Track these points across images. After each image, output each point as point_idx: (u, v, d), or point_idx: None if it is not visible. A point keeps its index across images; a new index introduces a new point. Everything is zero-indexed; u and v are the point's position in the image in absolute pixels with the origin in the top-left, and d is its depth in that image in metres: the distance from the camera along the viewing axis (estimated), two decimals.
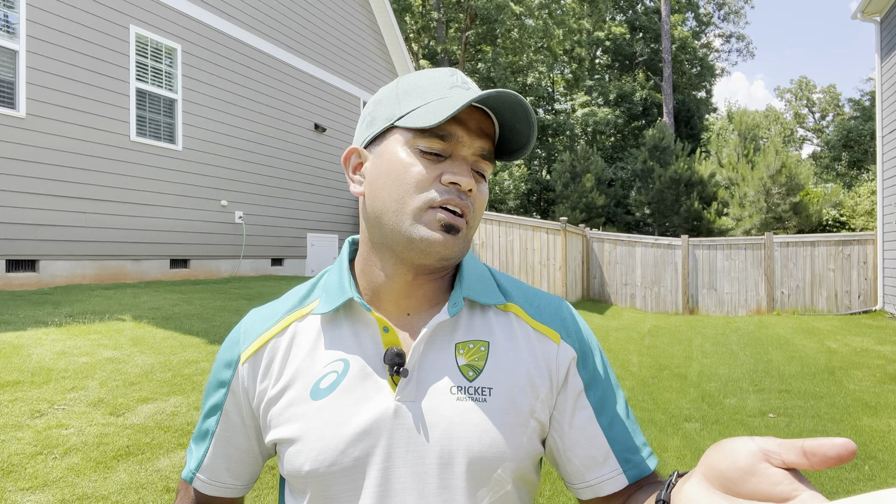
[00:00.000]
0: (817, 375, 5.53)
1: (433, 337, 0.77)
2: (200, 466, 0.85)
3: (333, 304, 0.78)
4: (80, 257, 6.80)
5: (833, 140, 29.90)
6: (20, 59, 6.17)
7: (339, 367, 0.76)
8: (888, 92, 9.41)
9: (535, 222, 10.60)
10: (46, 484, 2.51)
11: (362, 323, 0.78)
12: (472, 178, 0.74)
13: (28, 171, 6.25)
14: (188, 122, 8.17)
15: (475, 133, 0.75)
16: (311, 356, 0.78)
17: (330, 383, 0.75)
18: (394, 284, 0.79)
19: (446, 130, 0.73)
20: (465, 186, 0.73)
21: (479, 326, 0.79)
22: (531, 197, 25.02)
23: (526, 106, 0.72)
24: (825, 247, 10.49)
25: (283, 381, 0.78)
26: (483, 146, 0.75)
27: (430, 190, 0.73)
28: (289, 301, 0.85)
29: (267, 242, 9.60)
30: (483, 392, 0.74)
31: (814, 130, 39.48)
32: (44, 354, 3.86)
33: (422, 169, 0.73)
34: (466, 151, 0.74)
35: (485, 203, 0.79)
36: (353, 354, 0.76)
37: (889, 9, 9.26)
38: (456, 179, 0.73)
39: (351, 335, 0.78)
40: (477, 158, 0.75)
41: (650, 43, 28.48)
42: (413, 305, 0.80)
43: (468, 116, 0.74)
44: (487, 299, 0.80)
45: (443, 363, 0.76)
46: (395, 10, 21.91)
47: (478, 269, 0.84)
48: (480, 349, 0.77)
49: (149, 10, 7.64)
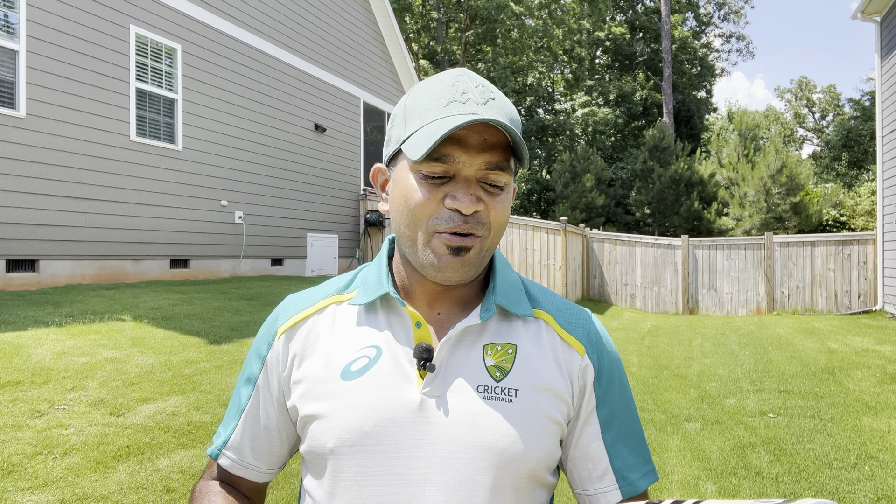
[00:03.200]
0: (817, 375, 5.53)
1: (462, 337, 0.79)
2: (227, 444, 0.86)
3: (371, 297, 0.81)
4: (80, 257, 6.80)
5: (833, 140, 29.90)
6: (20, 59, 6.17)
7: (371, 354, 0.78)
8: (888, 92, 9.41)
9: (535, 222, 10.60)
10: (46, 484, 2.51)
11: (397, 316, 0.81)
12: (476, 197, 0.74)
13: (28, 171, 6.25)
14: (188, 122, 8.17)
15: (477, 148, 0.73)
16: (346, 339, 0.81)
17: (361, 367, 0.77)
18: (424, 289, 0.82)
19: (442, 153, 0.73)
20: (467, 210, 0.73)
21: (508, 331, 0.81)
22: (531, 197, 25.02)
23: (509, 128, 0.71)
24: (825, 247, 10.49)
25: (315, 357, 0.80)
26: (490, 159, 0.73)
27: (435, 216, 0.74)
28: (328, 287, 0.88)
29: (267, 242, 9.60)
30: (509, 393, 0.76)
31: (814, 130, 39.49)
32: (44, 354, 3.86)
33: (425, 194, 0.74)
34: (469, 170, 0.74)
35: (504, 214, 0.78)
36: (386, 344, 0.79)
37: (889, 9, 9.26)
38: (455, 205, 0.73)
39: (386, 326, 0.81)
40: (485, 173, 0.74)
41: (650, 43, 28.48)
42: (444, 307, 0.82)
43: (469, 132, 0.73)
44: (518, 310, 0.82)
45: (471, 362, 0.78)
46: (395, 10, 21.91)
47: (510, 278, 0.86)
48: (508, 352, 0.79)
49: (149, 10, 7.64)
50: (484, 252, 0.77)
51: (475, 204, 0.73)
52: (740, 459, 3.55)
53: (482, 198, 0.74)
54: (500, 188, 0.76)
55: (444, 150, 0.72)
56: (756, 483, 3.23)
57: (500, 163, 0.74)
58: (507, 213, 0.79)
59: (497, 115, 0.73)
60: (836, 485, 3.19)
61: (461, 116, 0.71)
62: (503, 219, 0.78)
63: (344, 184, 11.54)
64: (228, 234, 8.82)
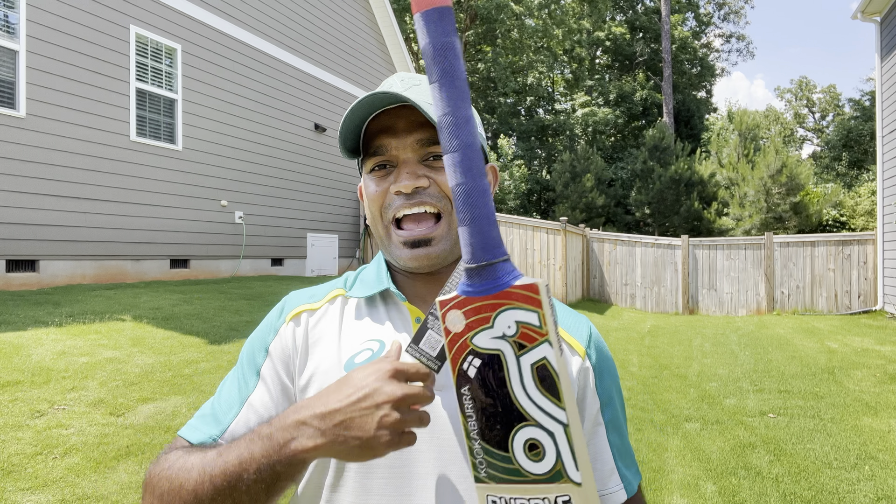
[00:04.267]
0: (817, 375, 5.53)
1: None
2: (226, 433, 0.80)
3: (372, 290, 0.83)
4: (80, 257, 6.80)
5: (833, 140, 29.90)
6: (20, 59, 6.17)
7: (374, 347, 0.79)
8: (888, 92, 9.41)
9: (535, 222, 10.60)
10: (46, 484, 2.51)
11: (397, 311, 0.83)
12: (420, 175, 0.77)
13: (28, 171, 6.25)
14: (188, 122, 8.17)
15: (406, 131, 0.77)
16: (350, 331, 0.82)
17: (365, 360, 0.77)
18: (414, 282, 0.85)
19: (375, 146, 0.78)
20: (406, 189, 0.76)
21: None
22: (531, 197, 25.01)
23: (400, 97, 0.74)
24: (825, 247, 10.49)
25: (319, 347, 0.81)
26: (420, 136, 0.77)
27: (386, 205, 0.79)
28: (331, 284, 0.91)
29: (267, 242, 9.59)
30: None
31: (814, 130, 39.48)
32: (44, 354, 3.86)
33: (375, 188, 0.80)
34: (405, 153, 0.78)
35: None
36: (389, 338, 0.79)
37: (889, 9, 9.26)
38: (397, 188, 0.77)
39: (387, 320, 0.82)
40: (425, 151, 0.78)
41: (650, 43, 28.47)
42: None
43: (395, 119, 0.78)
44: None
45: None
46: (395, 10, 21.91)
47: None
48: None
49: (149, 10, 7.64)
50: (453, 229, 0.79)
51: (415, 181, 0.76)
52: (740, 459, 3.55)
53: (429, 175, 0.78)
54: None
55: (376, 142, 0.78)
56: (756, 483, 3.23)
57: (432, 136, 0.77)
58: None
59: (410, 94, 0.76)
60: (836, 485, 3.19)
61: (365, 103, 0.76)
62: None
63: (344, 184, 11.54)
64: (228, 234, 8.82)
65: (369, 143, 0.80)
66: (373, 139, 0.78)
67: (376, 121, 0.80)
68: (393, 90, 0.77)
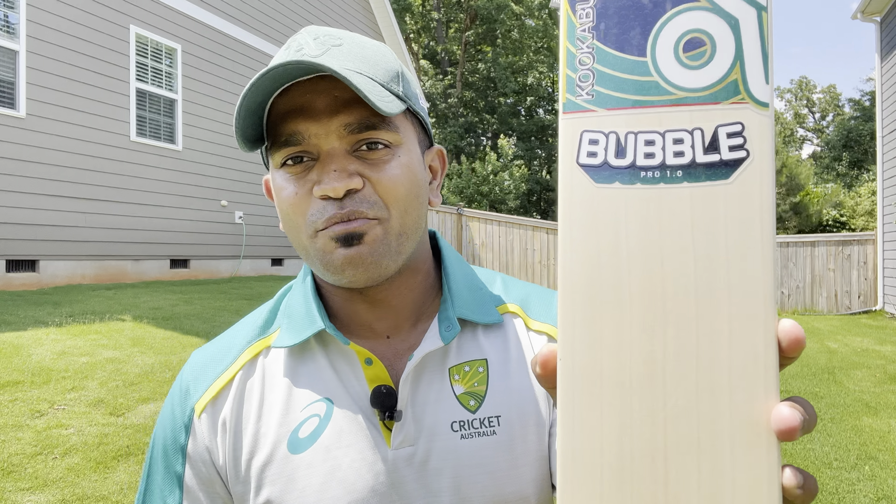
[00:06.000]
0: (817, 375, 5.53)
1: (424, 365, 0.64)
2: None
3: (301, 335, 0.63)
4: (80, 257, 6.80)
5: (833, 140, 29.92)
6: (20, 59, 6.17)
7: (320, 410, 0.62)
8: (888, 92, 9.41)
9: (535, 222, 10.60)
10: (46, 484, 2.51)
11: (340, 354, 0.64)
12: (351, 172, 0.58)
13: (28, 171, 6.25)
14: (188, 122, 8.17)
15: (328, 112, 0.58)
16: (285, 399, 0.63)
17: (311, 431, 0.62)
18: (354, 307, 0.66)
19: (288, 133, 0.58)
20: (335, 193, 0.57)
21: (473, 343, 0.66)
22: (531, 197, 25.02)
23: (321, 67, 0.54)
24: (825, 247, 10.50)
25: (251, 433, 0.63)
26: (348, 120, 0.58)
27: (310, 214, 0.59)
28: (245, 333, 0.69)
29: (267, 242, 9.60)
30: (490, 423, 0.63)
31: (814, 130, 39.51)
32: (44, 354, 3.86)
33: (292, 190, 0.60)
34: (328, 142, 0.58)
35: (400, 181, 0.60)
36: (336, 394, 0.63)
37: (889, 9, 9.26)
38: (321, 192, 0.57)
39: (329, 370, 0.64)
40: (354, 139, 0.59)
41: None
42: (390, 326, 0.66)
43: (312, 96, 0.58)
44: (484, 316, 0.67)
45: (438, 395, 0.63)
46: (395, 10, 21.92)
47: (465, 276, 0.70)
48: (478, 370, 0.65)
49: (149, 10, 7.64)
50: (391, 238, 0.60)
51: (345, 181, 0.57)
52: None
53: (361, 171, 0.59)
54: (387, 147, 0.60)
55: (287, 127, 0.58)
56: None
57: (365, 120, 0.58)
58: (407, 179, 0.61)
59: (331, 61, 0.57)
60: (836, 485, 3.19)
61: (270, 76, 0.55)
62: (401, 189, 0.60)
63: None
64: (228, 234, 8.82)
65: (277, 128, 0.59)
66: (282, 123, 0.58)
67: (285, 98, 0.58)
68: (304, 56, 0.58)
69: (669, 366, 0.32)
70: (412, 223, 0.62)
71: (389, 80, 0.61)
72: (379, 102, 0.55)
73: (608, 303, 0.33)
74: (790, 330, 0.31)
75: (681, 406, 0.32)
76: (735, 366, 0.31)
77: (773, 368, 0.31)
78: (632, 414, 0.32)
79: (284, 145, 0.59)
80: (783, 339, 0.31)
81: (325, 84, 0.58)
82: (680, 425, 0.32)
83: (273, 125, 0.59)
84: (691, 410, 0.32)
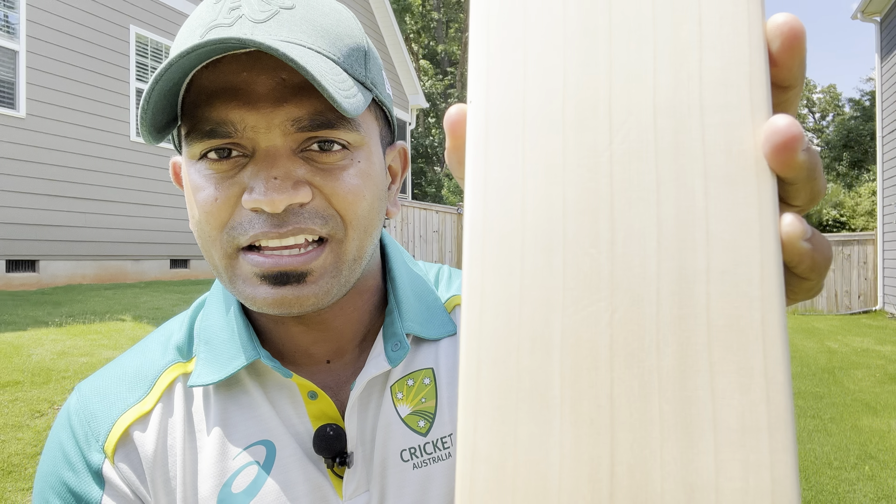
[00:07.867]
0: (817, 375, 5.53)
1: (368, 390, 0.54)
2: None
3: (225, 370, 0.50)
4: (80, 257, 6.80)
5: (833, 140, 29.93)
6: (20, 59, 6.17)
7: (259, 456, 0.50)
8: (888, 92, 9.42)
9: None
10: None
11: (277, 387, 0.52)
12: (297, 180, 0.45)
13: (28, 171, 6.25)
14: None
15: (271, 100, 0.44)
16: (215, 444, 0.50)
17: (249, 484, 0.49)
18: (287, 329, 0.54)
19: (217, 120, 0.44)
20: (272, 207, 0.44)
21: (416, 351, 0.57)
22: None
23: (277, 52, 0.39)
24: None
25: (170, 487, 0.50)
26: (296, 113, 0.44)
27: (232, 225, 0.47)
28: (155, 357, 0.55)
29: None
30: (444, 445, 0.53)
31: (814, 130, 39.53)
32: (44, 354, 3.86)
33: (212, 192, 0.46)
34: (268, 138, 0.44)
35: (360, 193, 0.47)
36: (277, 435, 0.51)
37: (889, 9, 9.26)
38: (254, 204, 0.44)
39: (266, 405, 0.52)
40: (303, 136, 0.45)
41: None
42: (330, 350, 0.55)
43: (252, 76, 0.43)
44: (435, 330, 0.57)
45: (383, 422, 0.53)
46: (395, 10, 21.93)
47: (412, 281, 0.59)
48: (424, 382, 0.55)
49: (149, 10, 7.64)
50: (343, 266, 0.48)
51: (288, 192, 0.44)
52: None
53: (311, 179, 0.46)
54: (344, 149, 0.47)
55: (217, 113, 0.44)
56: None
57: (319, 115, 0.45)
58: (369, 191, 0.48)
59: (278, 30, 0.44)
60: (836, 485, 3.19)
61: (203, 49, 0.40)
62: (362, 204, 0.47)
63: None
64: None
65: (199, 110, 0.44)
66: (206, 106, 0.44)
67: (213, 72, 0.44)
68: (243, 18, 0.44)
69: (616, 84, 0.23)
70: (370, 244, 0.50)
71: (353, 62, 0.47)
72: (342, 97, 0.42)
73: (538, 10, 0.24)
74: (784, 21, 0.22)
75: (633, 139, 0.23)
76: (707, 76, 0.22)
77: (760, 76, 0.22)
78: (565, 156, 0.23)
79: (209, 136, 0.44)
80: (775, 34, 0.22)
81: (269, 60, 0.43)
82: (631, 165, 0.22)
83: (193, 105, 0.45)
84: (647, 143, 0.22)
